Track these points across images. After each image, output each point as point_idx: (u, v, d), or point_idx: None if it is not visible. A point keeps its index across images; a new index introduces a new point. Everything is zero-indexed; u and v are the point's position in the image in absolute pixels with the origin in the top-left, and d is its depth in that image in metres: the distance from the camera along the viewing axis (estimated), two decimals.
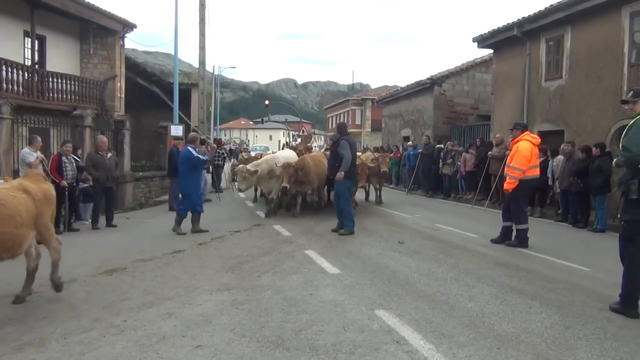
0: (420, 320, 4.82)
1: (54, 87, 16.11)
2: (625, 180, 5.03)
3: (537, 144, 8.92)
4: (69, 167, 10.06)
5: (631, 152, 4.95)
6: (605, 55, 12.73)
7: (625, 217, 5.12)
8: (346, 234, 9.36)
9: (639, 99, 5.26)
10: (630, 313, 5.04)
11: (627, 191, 5.00)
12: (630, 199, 5.00)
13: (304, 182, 11.62)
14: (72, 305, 5.24)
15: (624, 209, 5.12)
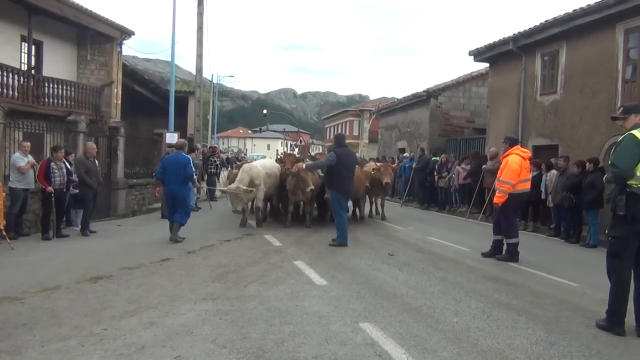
0: (405, 333, 4.77)
1: (50, 92, 16.15)
2: (613, 196, 5.01)
3: (527, 158, 8.91)
4: (58, 172, 9.99)
5: (618, 167, 4.93)
6: (599, 71, 12.77)
7: (613, 232, 5.10)
8: (335, 246, 9.26)
9: (629, 115, 5.25)
10: (616, 330, 4.99)
11: (615, 207, 4.98)
12: (617, 215, 4.98)
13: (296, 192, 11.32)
14: (53, 312, 5.17)
15: (612, 224, 5.10)
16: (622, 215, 4.93)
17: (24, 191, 9.99)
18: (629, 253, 5.01)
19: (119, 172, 14.74)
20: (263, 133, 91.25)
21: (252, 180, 11.20)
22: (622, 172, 4.91)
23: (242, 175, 11.27)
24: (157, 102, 23.86)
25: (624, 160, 4.92)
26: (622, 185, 4.96)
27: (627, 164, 4.90)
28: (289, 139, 77.98)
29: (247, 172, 11.35)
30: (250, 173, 11.34)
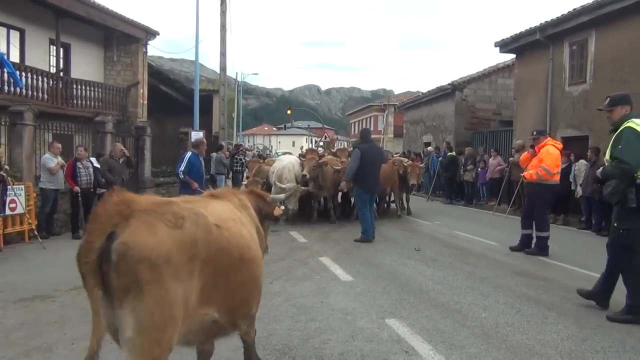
0: (432, 329, 4.72)
1: (78, 93, 16.44)
2: (621, 189, 4.97)
3: (560, 150, 8.78)
4: (84, 172, 10.19)
5: (628, 163, 4.91)
6: (630, 59, 12.43)
7: (625, 225, 5.07)
8: (360, 242, 9.19)
9: (615, 106, 5.23)
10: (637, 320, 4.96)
11: (624, 200, 4.96)
12: (628, 208, 4.97)
13: (322, 187, 11.40)
14: (83, 310, 5.23)
15: (621, 217, 5.09)
16: (634, 207, 4.93)
17: (54, 191, 10.19)
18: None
19: (146, 171, 14.94)
20: (288, 130, 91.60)
21: (295, 179, 11.14)
22: (633, 167, 4.90)
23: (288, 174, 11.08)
24: (183, 101, 24.08)
25: (631, 155, 4.90)
26: (630, 179, 4.94)
27: (635, 158, 4.89)
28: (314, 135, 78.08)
29: (291, 170, 11.20)
30: (294, 171, 11.21)
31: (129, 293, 2.32)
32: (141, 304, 2.33)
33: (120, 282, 2.30)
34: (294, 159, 12.06)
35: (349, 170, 9.36)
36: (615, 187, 5.03)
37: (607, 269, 5.38)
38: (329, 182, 11.43)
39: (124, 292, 2.31)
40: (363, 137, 10.04)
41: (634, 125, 5.00)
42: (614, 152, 5.02)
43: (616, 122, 5.21)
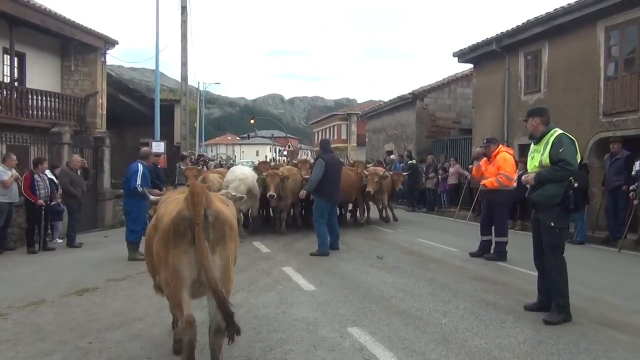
0: (393, 337, 4.76)
1: (34, 104, 16.01)
2: (563, 192, 5.21)
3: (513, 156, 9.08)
4: (42, 185, 9.92)
5: (573, 165, 5.19)
6: (582, 69, 12.89)
7: (561, 224, 5.37)
8: (316, 255, 8.87)
9: (528, 119, 5.65)
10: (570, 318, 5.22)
11: (567, 202, 5.22)
12: (568, 208, 5.28)
13: (281, 197, 11.21)
14: (37, 327, 5.11)
15: (558, 217, 5.33)
16: (572, 208, 5.30)
17: (8, 205, 9.86)
18: None
19: (105, 183, 14.64)
20: (251, 139, 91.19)
21: (250, 190, 10.63)
22: (576, 169, 5.25)
23: (237, 183, 10.52)
24: (143, 111, 23.74)
25: (574, 159, 5.24)
26: (569, 181, 5.23)
27: (575, 161, 5.26)
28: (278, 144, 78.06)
29: (243, 180, 10.70)
30: (247, 182, 10.74)
31: (218, 243, 3.63)
32: (224, 250, 3.68)
33: (215, 235, 3.60)
34: (246, 170, 11.58)
35: (313, 180, 9.23)
36: (557, 190, 5.24)
37: (544, 274, 5.57)
38: (289, 191, 11.32)
39: (216, 242, 3.61)
40: (324, 148, 9.96)
41: (564, 132, 5.36)
42: (556, 156, 5.21)
43: (531, 132, 5.61)
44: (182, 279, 3.56)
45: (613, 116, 11.91)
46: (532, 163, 5.58)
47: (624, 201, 10.18)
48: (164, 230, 3.63)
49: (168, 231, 3.57)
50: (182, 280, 3.56)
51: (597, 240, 10.77)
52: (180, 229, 3.53)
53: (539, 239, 5.57)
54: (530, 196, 5.55)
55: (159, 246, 3.69)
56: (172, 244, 3.55)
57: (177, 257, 3.54)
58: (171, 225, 3.56)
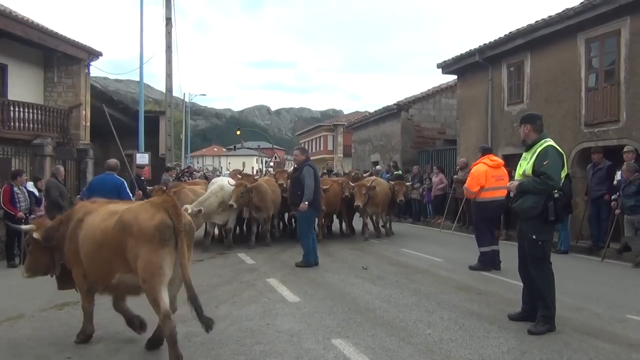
0: (377, 348, 4.74)
1: (16, 115, 15.82)
2: (542, 203, 5.21)
3: (497, 166, 8.95)
4: (22, 197, 9.79)
5: (554, 180, 5.17)
6: (563, 80, 13.05)
7: (544, 237, 5.34)
8: (301, 266, 8.79)
9: (520, 125, 5.63)
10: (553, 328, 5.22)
11: (546, 213, 5.21)
12: (548, 220, 5.25)
13: (260, 208, 10.98)
14: (15, 342, 5.01)
15: (541, 230, 5.31)
16: (552, 220, 5.25)
17: None
18: None
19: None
20: (238, 150, 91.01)
21: (223, 202, 10.50)
22: (557, 183, 5.20)
23: (208, 195, 10.45)
24: (128, 122, 23.58)
25: (557, 173, 5.21)
26: (549, 194, 5.22)
27: (558, 176, 5.23)
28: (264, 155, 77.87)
29: (215, 193, 10.57)
30: (221, 194, 10.57)
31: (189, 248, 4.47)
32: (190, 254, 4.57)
33: (188, 241, 4.44)
34: (225, 183, 11.31)
35: (309, 188, 8.86)
36: (537, 202, 5.24)
37: (529, 283, 5.55)
38: (268, 202, 11.11)
39: (188, 247, 4.45)
40: (307, 155, 9.68)
41: (553, 144, 5.32)
42: (539, 169, 5.21)
43: (523, 139, 5.58)
44: (164, 277, 4.24)
45: (594, 126, 12.06)
46: (518, 170, 5.58)
47: (607, 210, 10.29)
48: (148, 236, 4.19)
49: (153, 236, 4.19)
50: (164, 278, 4.24)
51: (581, 250, 10.85)
52: (166, 235, 4.22)
53: (523, 249, 5.58)
54: (513, 205, 5.57)
55: (140, 248, 4.20)
56: (158, 247, 4.19)
57: (163, 258, 4.22)
58: (157, 232, 4.19)
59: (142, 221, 4.26)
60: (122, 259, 4.34)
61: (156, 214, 4.30)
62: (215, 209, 10.58)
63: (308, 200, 8.87)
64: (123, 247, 4.29)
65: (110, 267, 4.44)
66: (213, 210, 10.56)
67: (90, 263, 4.58)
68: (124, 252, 4.30)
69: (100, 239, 4.45)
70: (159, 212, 4.31)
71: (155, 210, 4.35)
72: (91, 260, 4.56)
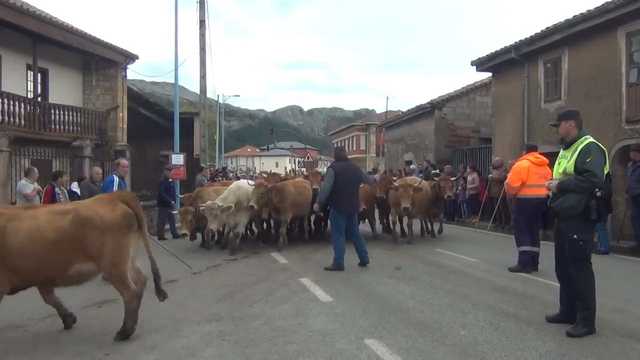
0: (411, 349, 4.69)
1: (56, 118, 16.29)
2: (585, 202, 5.08)
3: (541, 164, 8.70)
4: (62, 198, 10.07)
5: (598, 177, 5.03)
6: (603, 75, 12.71)
7: (584, 237, 5.20)
8: (331, 269, 8.48)
9: (560, 122, 5.40)
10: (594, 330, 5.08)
11: (588, 212, 5.07)
12: (590, 220, 5.11)
13: (279, 210, 10.72)
14: (55, 339, 5.14)
15: (582, 229, 5.17)
16: (594, 219, 5.11)
17: None
18: None
19: None
20: (271, 151, 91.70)
21: (239, 202, 10.32)
22: (600, 181, 5.06)
23: (227, 194, 10.34)
24: (163, 124, 24.02)
25: (600, 170, 5.06)
26: (591, 193, 5.09)
27: (602, 173, 5.09)
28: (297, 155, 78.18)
29: (233, 191, 10.42)
30: (237, 194, 10.39)
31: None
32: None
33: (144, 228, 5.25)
34: (244, 182, 11.37)
35: (322, 190, 8.87)
36: (579, 200, 5.10)
37: (567, 284, 5.41)
38: (288, 203, 10.77)
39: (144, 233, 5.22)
40: (337, 156, 9.60)
41: (595, 141, 5.18)
42: (582, 166, 5.06)
43: (563, 137, 5.40)
44: (130, 258, 5.06)
45: (636, 123, 11.70)
46: (557, 169, 5.44)
47: None
48: (117, 224, 4.91)
49: (121, 225, 4.93)
50: (129, 259, 5.04)
51: (623, 250, 10.53)
52: (131, 222, 5.01)
53: (561, 249, 5.43)
54: (552, 205, 5.41)
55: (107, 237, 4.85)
56: (126, 233, 4.98)
57: (129, 242, 5.03)
58: (124, 220, 4.95)
59: (105, 213, 4.92)
60: (80, 252, 4.88)
61: (116, 205, 5.01)
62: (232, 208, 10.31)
63: (318, 201, 8.97)
64: (83, 240, 4.85)
65: (66, 261, 4.88)
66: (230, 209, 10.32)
67: (40, 262, 4.83)
68: (82, 245, 4.86)
69: (54, 238, 4.80)
70: (117, 204, 5.02)
71: (113, 203, 5.05)
72: (40, 259, 4.81)
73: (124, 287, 4.97)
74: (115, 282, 5.01)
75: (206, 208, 10.01)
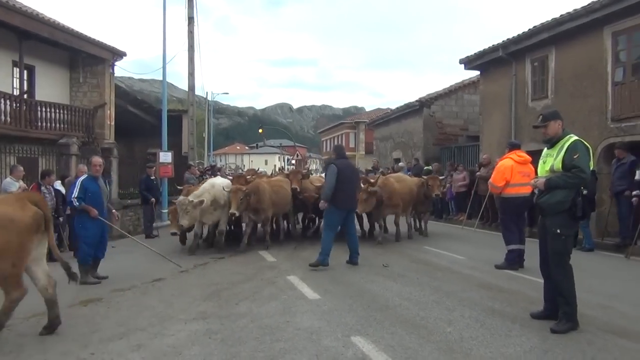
0: (397, 346, 4.71)
1: (43, 116, 16.11)
2: (571, 198, 5.17)
3: (524, 162, 8.76)
4: (49, 197, 9.98)
5: (586, 173, 5.14)
6: (589, 74, 12.82)
7: (567, 232, 5.29)
8: (314, 266, 8.39)
9: (548, 122, 5.44)
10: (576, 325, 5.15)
11: (574, 208, 5.17)
12: (575, 216, 5.22)
13: (258, 210, 10.49)
14: (40, 338, 5.10)
15: (566, 224, 5.25)
16: (579, 216, 5.23)
17: None
18: None
19: (113, 193, 14.70)
20: (260, 149, 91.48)
21: (215, 201, 10.25)
22: (588, 177, 5.20)
23: (201, 192, 10.19)
24: (152, 121, 23.85)
25: (588, 166, 5.19)
26: (578, 190, 5.20)
27: (588, 169, 5.21)
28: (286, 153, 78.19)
29: (207, 190, 10.31)
30: (212, 192, 10.27)
31: None
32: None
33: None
34: (220, 180, 11.18)
35: (327, 188, 8.71)
36: (566, 197, 5.17)
37: (551, 281, 5.48)
38: (266, 203, 10.59)
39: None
40: (338, 154, 9.37)
41: (579, 138, 5.27)
42: (570, 162, 5.13)
43: (552, 136, 5.43)
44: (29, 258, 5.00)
45: (621, 121, 11.82)
46: (543, 167, 5.50)
47: (628, 207, 10.11)
48: (27, 225, 4.88)
49: (30, 225, 4.91)
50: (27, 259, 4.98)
51: (607, 247, 10.64)
52: (39, 223, 5.05)
53: (545, 245, 5.50)
54: (539, 201, 5.48)
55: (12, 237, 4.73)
56: (32, 234, 4.95)
57: (32, 243, 4.99)
58: (33, 221, 4.96)
59: (13, 213, 4.86)
60: None
61: (25, 206, 5.00)
62: (208, 207, 10.20)
63: (324, 198, 8.77)
64: None
65: None
66: (206, 208, 10.17)
67: None
68: None
69: None
70: (26, 204, 5.02)
71: (22, 203, 5.03)
72: None
73: (16, 288, 4.83)
74: (9, 283, 4.81)
75: (177, 203, 10.05)
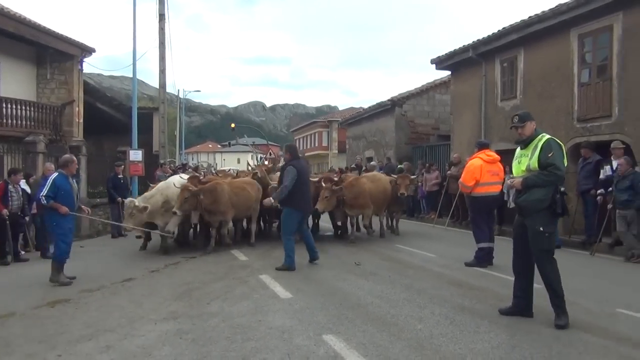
0: (368, 344, 4.74)
1: (8, 112, 15.66)
2: (551, 196, 5.27)
3: (492, 161, 8.90)
4: (16, 196, 9.74)
5: (561, 170, 5.25)
6: (556, 75, 13.07)
7: (550, 229, 5.39)
8: (282, 269, 8.23)
9: (525, 122, 5.54)
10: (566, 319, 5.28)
11: (554, 206, 5.27)
12: (556, 213, 5.33)
13: (214, 212, 10.13)
14: (5, 340, 4.99)
15: (547, 222, 5.35)
16: (559, 213, 5.34)
17: None
18: None
19: (81, 192, 14.41)
20: (232, 147, 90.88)
21: (167, 202, 10.01)
22: (563, 174, 5.32)
23: (154, 192, 10.01)
24: (122, 119, 23.44)
25: (562, 164, 5.30)
26: (556, 186, 5.31)
27: (564, 166, 5.32)
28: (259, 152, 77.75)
29: (161, 190, 10.14)
30: (166, 193, 10.07)
31: None
32: None
33: None
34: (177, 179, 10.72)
35: (284, 189, 8.45)
36: (545, 195, 5.28)
37: (522, 278, 5.63)
38: (223, 204, 10.21)
39: None
40: (292, 154, 8.97)
41: (552, 137, 5.40)
42: (545, 161, 5.24)
43: (528, 137, 5.51)
44: None
45: (587, 122, 12.10)
46: (518, 167, 5.59)
47: (593, 205, 10.39)
48: None
49: None
50: None
51: (574, 245, 10.89)
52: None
53: (520, 243, 5.59)
54: (517, 201, 5.56)
55: None
56: None
57: None
58: None
59: None
60: None
61: None
62: (159, 208, 9.99)
63: (276, 198, 8.66)
64: None
65: None
66: (157, 209, 9.96)
67: None
68: None
69: None
70: None
71: None
72: None
73: None
74: None
75: (124, 206, 9.90)
